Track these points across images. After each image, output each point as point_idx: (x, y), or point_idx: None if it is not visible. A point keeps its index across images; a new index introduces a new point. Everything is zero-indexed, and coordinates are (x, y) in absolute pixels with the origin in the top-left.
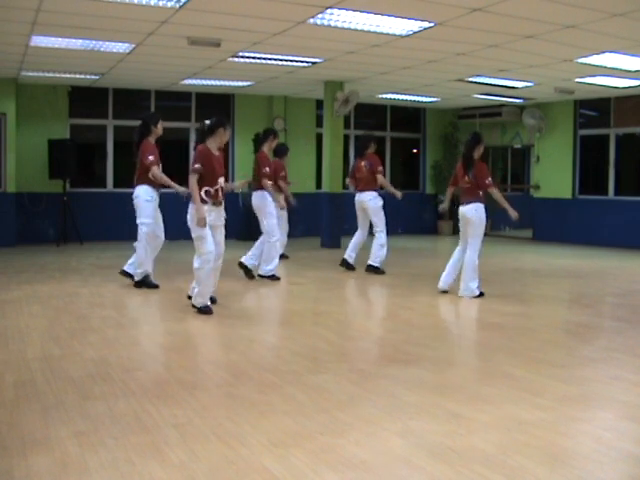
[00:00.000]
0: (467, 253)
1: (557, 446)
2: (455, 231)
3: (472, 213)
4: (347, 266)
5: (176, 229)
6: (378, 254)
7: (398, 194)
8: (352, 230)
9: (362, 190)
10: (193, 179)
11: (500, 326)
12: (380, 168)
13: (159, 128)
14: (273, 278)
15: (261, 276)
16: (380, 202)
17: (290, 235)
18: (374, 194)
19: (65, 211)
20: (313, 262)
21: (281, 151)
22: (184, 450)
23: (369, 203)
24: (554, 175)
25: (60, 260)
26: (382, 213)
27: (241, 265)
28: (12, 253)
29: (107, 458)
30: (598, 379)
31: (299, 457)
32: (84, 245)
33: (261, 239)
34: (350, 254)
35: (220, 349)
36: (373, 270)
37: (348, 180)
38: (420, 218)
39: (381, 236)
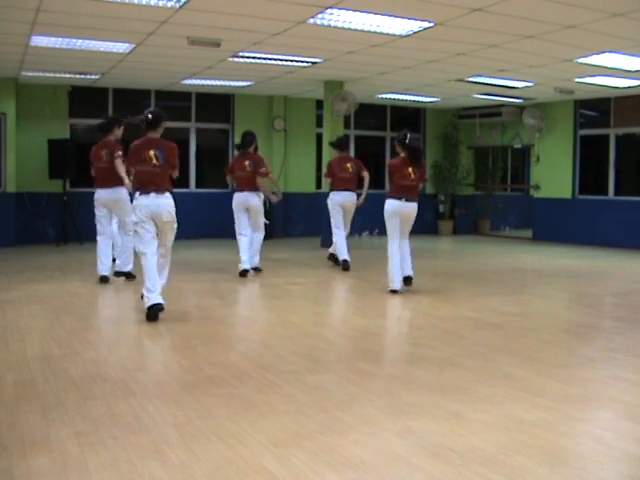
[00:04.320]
0: (406, 243)
1: (557, 446)
2: (456, 231)
3: (415, 210)
4: (345, 266)
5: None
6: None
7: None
8: (352, 230)
9: (347, 189)
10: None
11: (500, 326)
12: (325, 172)
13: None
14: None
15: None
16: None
17: (290, 235)
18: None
19: (65, 211)
20: (313, 262)
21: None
22: (184, 450)
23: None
24: (554, 175)
25: (60, 260)
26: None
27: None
28: (12, 253)
29: (107, 458)
30: (598, 379)
31: (299, 457)
32: (84, 245)
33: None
34: (348, 254)
35: (220, 349)
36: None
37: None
38: (420, 218)
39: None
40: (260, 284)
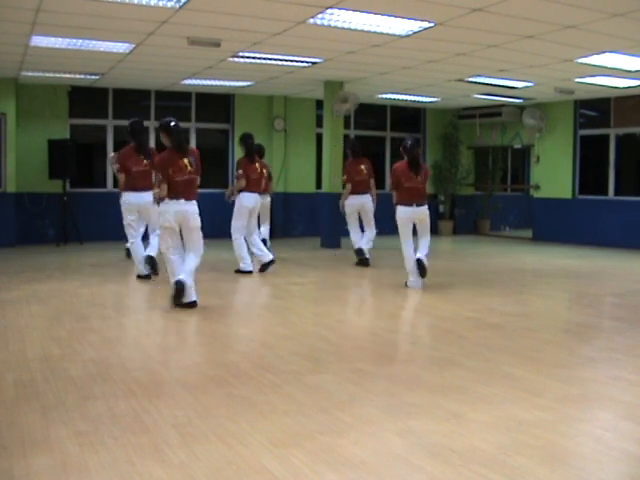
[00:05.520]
0: (426, 244)
1: (557, 446)
2: (456, 231)
3: (427, 212)
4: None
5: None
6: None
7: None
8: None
9: (364, 192)
10: None
11: (500, 326)
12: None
13: None
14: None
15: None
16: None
17: (290, 235)
18: (370, 196)
19: (65, 211)
20: (313, 262)
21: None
22: (184, 450)
23: (370, 204)
24: (554, 175)
25: (60, 260)
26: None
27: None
28: (12, 253)
29: (107, 458)
30: (598, 379)
31: (299, 457)
32: (84, 245)
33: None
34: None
35: (220, 349)
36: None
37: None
38: None
39: (373, 232)
40: (260, 284)
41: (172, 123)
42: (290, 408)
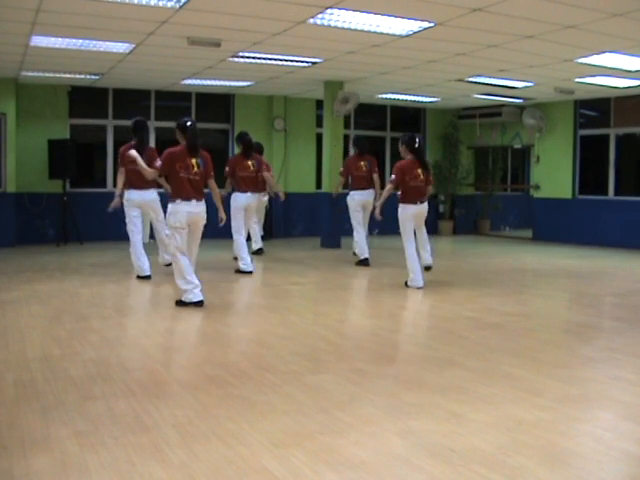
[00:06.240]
0: (425, 232)
1: (557, 446)
2: (456, 231)
3: (427, 208)
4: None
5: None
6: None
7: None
8: (352, 230)
9: (366, 188)
10: None
11: (500, 326)
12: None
13: None
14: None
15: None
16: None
17: (290, 235)
18: (373, 192)
19: (65, 211)
20: (313, 262)
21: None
22: (184, 450)
23: (372, 201)
24: (554, 175)
25: (60, 260)
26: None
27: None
28: (12, 253)
29: (107, 458)
30: (598, 379)
31: (299, 457)
32: (84, 245)
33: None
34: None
35: (220, 349)
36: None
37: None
38: None
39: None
40: (260, 284)
41: (188, 123)
42: (290, 408)
